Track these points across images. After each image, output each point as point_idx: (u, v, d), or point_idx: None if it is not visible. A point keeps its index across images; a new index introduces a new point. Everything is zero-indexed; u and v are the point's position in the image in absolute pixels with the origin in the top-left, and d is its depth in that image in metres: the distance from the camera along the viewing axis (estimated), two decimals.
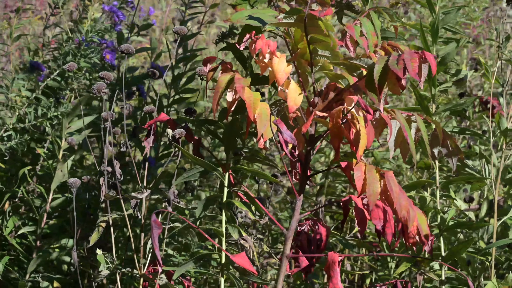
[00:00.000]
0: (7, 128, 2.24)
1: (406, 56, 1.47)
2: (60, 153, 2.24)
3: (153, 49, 2.96)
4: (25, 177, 2.30)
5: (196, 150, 1.78)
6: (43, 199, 2.35)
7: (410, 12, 4.00)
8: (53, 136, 2.22)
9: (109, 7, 2.49)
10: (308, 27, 1.57)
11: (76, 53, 2.25)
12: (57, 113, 2.20)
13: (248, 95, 1.57)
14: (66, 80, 2.29)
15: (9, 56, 3.08)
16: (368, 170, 1.60)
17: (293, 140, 1.56)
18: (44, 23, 2.91)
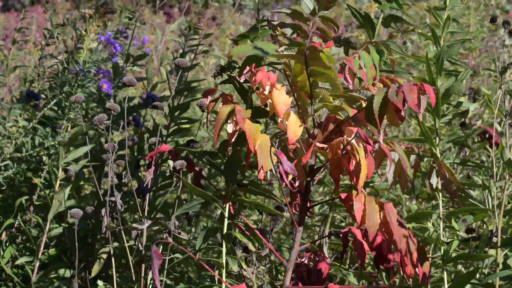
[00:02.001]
0: (4, 157, 2.24)
1: (406, 88, 1.49)
2: (57, 183, 2.24)
3: (149, 79, 2.99)
4: (22, 206, 2.30)
5: (197, 181, 1.79)
6: (40, 229, 2.35)
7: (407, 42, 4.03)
8: (50, 166, 2.22)
9: (106, 37, 2.51)
10: (309, 60, 1.58)
11: (74, 83, 2.26)
12: (54, 142, 2.21)
13: (249, 126, 1.58)
14: (63, 109, 2.30)
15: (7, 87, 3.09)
16: (368, 202, 1.61)
17: (293, 171, 1.57)
18: (39, 53, 2.93)
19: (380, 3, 2.00)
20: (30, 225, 2.41)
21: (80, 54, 2.33)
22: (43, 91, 2.58)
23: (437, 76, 2.15)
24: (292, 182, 1.69)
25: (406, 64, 2.83)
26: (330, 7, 1.58)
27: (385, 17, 2.02)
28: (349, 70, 1.70)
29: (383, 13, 2.01)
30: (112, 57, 2.53)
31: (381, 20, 2.02)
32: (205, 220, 2.84)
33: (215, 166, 1.79)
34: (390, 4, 2.00)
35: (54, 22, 2.70)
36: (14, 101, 2.72)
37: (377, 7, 2.06)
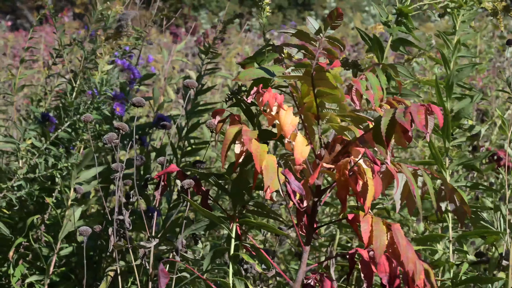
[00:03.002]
0: (18, 178, 2.25)
1: (413, 108, 1.49)
2: (68, 203, 2.26)
3: (156, 99, 3.00)
4: (33, 225, 2.31)
5: (204, 202, 1.79)
6: (50, 248, 2.36)
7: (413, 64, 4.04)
8: (61, 186, 2.23)
9: (126, 64, 2.53)
10: (316, 80, 1.59)
11: (89, 105, 2.28)
12: (67, 164, 2.22)
13: (255, 147, 1.59)
14: (77, 131, 2.31)
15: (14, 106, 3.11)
16: (375, 223, 1.60)
17: (301, 190, 1.57)
18: (46, 72, 2.95)
19: (389, 27, 2.01)
20: (41, 244, 2.42)
21: (95, 76, 2.34)
22: (50, 110, 2.59)
23: (447, 99, 2.16)
24: (299, 203, 1.69)
25: (413, 86, 2.83)
26: (336, 26, 1.59)
27: (394, 40, 2.03)
28: (356, 91, 1.70)
29: (392, 36, 2.02)
30: (129, 83, 2.55)
31: (390, 43, 2.03)
32: (211, 240, 2.84)
33: (221, 187, 1.80)
34: (399, 28, 2.01)
35: (63, 41, 2.72)
36: (22, 120, 2.74)
37: (383, 29, 2.07)
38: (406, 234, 2.79)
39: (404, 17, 2.03)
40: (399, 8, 2.01)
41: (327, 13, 18.12)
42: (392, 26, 2.01)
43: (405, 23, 2.03)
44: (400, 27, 2.02)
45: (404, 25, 2.03)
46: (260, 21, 1.87)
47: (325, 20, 1.55)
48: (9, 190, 2.29)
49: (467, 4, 2.13)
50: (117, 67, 2.59)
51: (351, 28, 11.00)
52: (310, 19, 1.62)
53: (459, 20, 2.22)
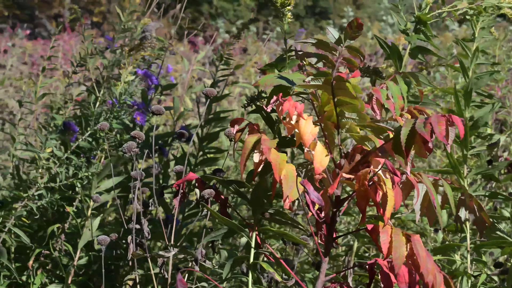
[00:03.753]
0: (39, 187, 2.26)
1: (433, 119, 1.48)
2: (88, 212, 2.26)
3: (176, 108, 3.01)
4: (53, 234, 2.32)
5: (223, 210, 1.79)
6: (70, 256, 2.37)
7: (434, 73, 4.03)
8: (82, 195, 2.24)
9: (143, 71, 2.53)
10: (336, 89, 1.59)
11: (110, 115, 2.28)
12: (88, 173, 2.23)
13: (274, 156, 1.58)
14: (97, 140, 2.32)
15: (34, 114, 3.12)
16: (394, 233, 1.59)
17: (320, 201, 1.56)
18: (66, 80, 2.96)
19: (407, 35, 2.00)
20: (61, 252, 2.43)
21: (117, 86, 2.35)
22: (70, 119, 2.60)
23: (466, 107, 2.15)
24: (318, 212, 1.68)
25: (433, 95, 2.82)
26: (356, 37, 1.58)
27: (413, 48, 2.02)
28: (376, 100, 1.70)
29: (410, 44, 2.01)
30: (148, 90, 2.56)
31: (409, 51, 2.02)
32: (227, 248, 2.84)
33: (242, 195, 1.79)
34: (417, 36, 2.00)
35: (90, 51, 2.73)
36: (41, 129, 2.75)
37: (404, 39, 2.06)
38: (424, 244, 2.77)
39: (422, 25, 2.02)
40: (418, 16, 2.00)
41: (344, 22, 18.12)
42: (411, 34, 2.00)
43: (424, 31, 2.02)
44: (419, 35, 2.01)
45: (422, 33, 2.02)
46: (278, 29, 1.87)
47: (345, 30, 1.55)
48: (30, 199, 2.30)
49: (486, 11, 2.12)
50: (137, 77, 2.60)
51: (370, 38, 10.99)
52: (330, 29, 1.62)
53: (478, 27, 2.21)
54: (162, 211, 2.68)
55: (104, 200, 2.30)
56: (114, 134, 2.38)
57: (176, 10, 3.09)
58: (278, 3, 1.72)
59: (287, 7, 1.73)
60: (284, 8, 1.73)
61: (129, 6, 2.72)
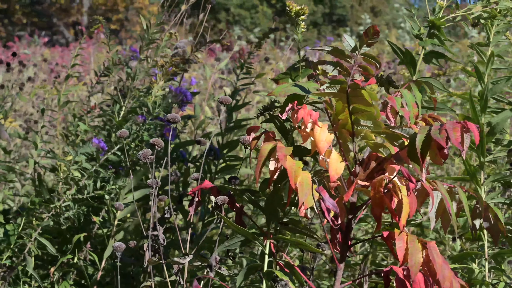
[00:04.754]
0: (66, 199, 2.28)
1: (449, 125, 1.48)
2: (115, 222, 2.28)
3: (197, 117, 3.02)
4: (79, 243, 2.33)
5: (238, 218, 1.80)
6: (95, 266, 2.38)
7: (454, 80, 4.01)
8: (109, 206, 2.25)
9: (177, 88, 2.55)
10: (351, 97, 1.59)
11: (141, 127, 2.30)
12: (115, 186, 2.24)
13: (290, 163, 1.59)
14: (127, 153, 2.34)
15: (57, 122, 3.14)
16: (410, 240, 1.59)
17: (335, 208, 1.56)
18: (89, 89, 2.98)
19: (421, 39, 2.00)
20: (86, 262, 2.44)
21: (148, 99, 2.37)
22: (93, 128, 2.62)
23: (481, 113, 2.14)
24: (333, 220, 1.68)
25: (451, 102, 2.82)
26: (372, 44, 1.59)
27: (427, 53, 2.02)
28: (391, 108, 1.70)
29: (424, 49, 2.01)
30: (181, 106, 2.57)
31: (422, 56, 2.02)
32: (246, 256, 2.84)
33: (256, 204, 1.80)
34: (431, 40, 2.00)
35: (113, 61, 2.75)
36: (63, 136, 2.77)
37: (418, 43, 2.05)
38: (442, 252, 2.76)
39: (436, 29, 2.02)
40: (431, 20, 2.00)
41: (362, 29, 18.10)
42: (424, 39, 2.00)
43: (438, 35, 2.02)
44: (433, 40, 2.01)
45: (436, 38, 2.02)
46: (294, 37, 1.88)
47: (361, 37, 1.55)
48: (57, 210, 2.32)
49: (500, 14, 2.11)
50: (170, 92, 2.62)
51: (387, 45, 10.96)
52: (346, 36, 1.62)
53: (493, 31, 2.20)
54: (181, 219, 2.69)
55: (129, 210, 2.31)
56: (143, 147, 2.39)
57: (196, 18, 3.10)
58: (292, 13, 1.72)
59: (301, 17, 1.73)
60: (298, 17, 1.73)
61: (152, 17, 2.74)
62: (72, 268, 2.44)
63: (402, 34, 16.98)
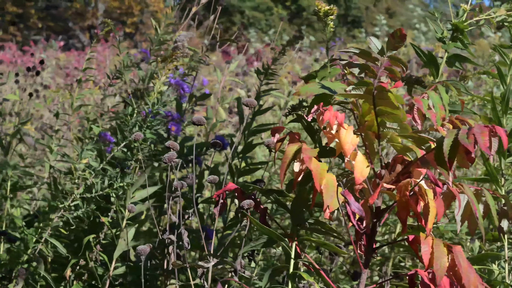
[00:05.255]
0: (75, 197, 2.28)
1: (476, 130, 1.47)
2: (123, 222, 2.27)
3: (210, 119, 3.02)
4: (89, 244, 2.33)
5: (262, 219, 1.79)
6: (105, 267, 2.38)
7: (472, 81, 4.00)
8: (117, 206, 2.25)
9: (175, 80, 2.54)
10: (377, 99, 1.58)
11: (143, 125, 2.29)
12: (123, 183, 2.24)
13: (315, 165, 1.58)
14: (132, 151, 2.33)
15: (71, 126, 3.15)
16: (436, 244, 1.58)
17: (361, 211, 1.56)
18: (103, 92, 2.98)
19: (444, 43, 1.99)
20: (96, 263, 2.44)
21: (150, 97, 2.37)
22: (105, 130, 2.62)
23: (503, 115, 2.13)
24: (358, 223, 1.67)
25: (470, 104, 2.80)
26: (398, 47, 1.58)
27: (450, 56, 2.01)
28: (417, 110, 1.69)
29: (447, 52, 2.00)
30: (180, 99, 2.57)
31: (445, 59, 2.01)
32: (264, 259, 2.84)
33: (282, 205, 1.79)
34: (455, 44, 1.99)
35: (124, 63, 2.75)
36: (78, 140, 2.77)
37: (441, 47, 2.04)
38: None
39: (459, 33, 2.01)
40: (455, 24, 1.99)
41: (377, 30, 18.07)
42: (448, 42, 1.99)
43: (461, 38, 2.00)
44: (456, 43, 2.00)
45: (460, 41, 2.01)
46: (311, 38, 1.87)
47: (388, 39, 1.54)
48: (66, 210, 2.32)
49: None
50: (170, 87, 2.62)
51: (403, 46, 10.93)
52: (373, 38, 1.62)
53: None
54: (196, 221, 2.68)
55: (139, 210, 2.31)
56: (148, 144, 2.39)
57: (209, 21, 3.10)
58: (321, 13, 1.72)
59: (330, 17, 1.73)
60: (327, 18, 1.72)
61: (164, 19, 2.74)
62: (83, 270, 2.44)
63: (418, 35, 16.94)
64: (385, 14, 28.85)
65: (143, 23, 27.25)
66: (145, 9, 27.25)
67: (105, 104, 3.07)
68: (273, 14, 28.98)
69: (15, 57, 12.33)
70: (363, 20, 29.98)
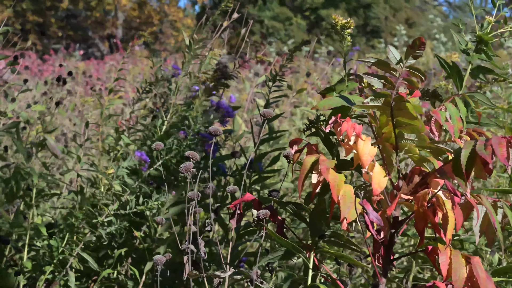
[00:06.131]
0: (108, 214, 2.29)
1: (494, 141, 1.47)
2: (156, 237, 2.28)
3: (236, 131, 3.03)
4: (120, 258, 2.34)
5: (280, 231, 1.79)
6: (135, 281, 2.39)
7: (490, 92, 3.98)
8: (150, 221, 2.26)
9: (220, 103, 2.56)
10: (395, 110, 1.58)
11: (182, 143, 2.30)
12: (158, 202, 2.25)
13: (333, 176, 1.58)
14: (168, 168, 2.34)
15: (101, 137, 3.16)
16: (454, 255, 1.58)
17: (379, 221, 1.56)
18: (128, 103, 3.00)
19: (468, 54, 1.98)
20: (127, 276, 2.45)
21: (190, 114, 2.38)
22: (138, 143, 2.64)
23: None
24: (376, 234, 1.67)
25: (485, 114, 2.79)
26: (418, 56, 1.58)
27: (473, 68, 2.00)
28: (435, 122, 1.68)
29: (471, 64, 1.99)
30: (223, 122, 2.58)
31: (469, 71, 2.00)
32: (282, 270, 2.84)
33: (300, 216, 1.79)
34: (479, 55, 1.99)
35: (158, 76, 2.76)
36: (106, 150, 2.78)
37: (465, 58, 2.04)
38: None
39: (484, 44, 2.00)
40: (479, 35, 1.98)
41: (396, 40, 18.03)
42: (472, 54, 1.98)
43: (485, 50, 2.00)
44: (480, 55, 1.99)
45: (484, 53, 2.00)
46: (330, 48, 1.87)
47: (406, 49, 1.54)
48: (100, 226, 2.33)
49: None
50: (212, 107, 2.63)
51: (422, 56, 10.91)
52: (392, 48, 1.62)
53: None
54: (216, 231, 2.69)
55: (168, 226, 2.32)
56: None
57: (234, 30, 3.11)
58: (338, 26, 1.72)
59: (347, 30, 1.73)
60: (344, 31, 1.73)
61: (199, 36, 2.75)
62: (112, 283, 2.45)
63: (437, 45, 16.89)
64: (404, 24, 28.79)
65: (162, 33, 27.36)
66: (164, 18, 27.36)
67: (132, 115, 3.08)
68: (292, 24, 29.00)
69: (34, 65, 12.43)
70: (382, 30, 29.94)
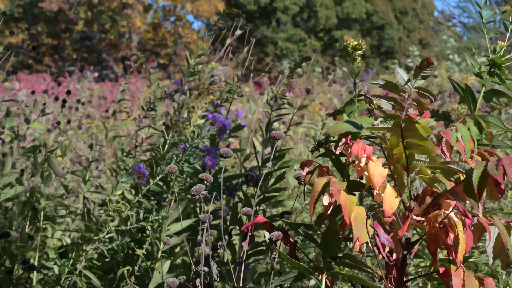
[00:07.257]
0: (110, 230, 2.29)
1: (505, 161, 1.46)
2: (158, 255, 2.28)
3: (243, 150, 3.03)
4: (123, 276, 2.34)
5: (292, 253, 1.79)
6: None
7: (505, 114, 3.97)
8: (152, 238, 2.26)
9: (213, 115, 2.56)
10: (405, 132, 1.58)
11: (181, 158, 2.31)
12: (158, 217, 2.25)
13: (344, 198, 1.58)
14: (168, 184, 2.35)
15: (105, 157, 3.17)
16: (467, 276, 1.57)
17: (390, 244, 1.55)
18: (137, 124, 3.00)
19: (481, 78, 1.98)
20: None
21: (187, 130, 2.38)
22: (139, 162, 2.64)
23: None
24: (388, 255, 1.67)
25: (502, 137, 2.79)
26: (426, 77, 1.58)
27: (487, 91, 2.00)
28: (446, 142, 1.68)
29: (485, 87, 1.99)
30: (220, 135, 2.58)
31: (483, 94, 2.00)
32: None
33: (311, 239, 1.79)
34: (492, 79, 1.99)
35: (157, 95, 2.77)
36: (112, 171, 2.79)
37: (478, 81, 2.04)
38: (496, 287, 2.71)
39: (497, 68, 2.00)
40: (492, 59, 1.98)
41: (410, 61, 18.04)
42: (485, 77, 1.98)
43: (498, 74, 2.00)
44: (493, 78, 1.99)
45: (497, 76, 2.00)
46: (344, 69, 1.88)
47: (415, 70, 1.54)
48: (101, 242, 2.34)
49: None
50: (208, 121, 2.63)
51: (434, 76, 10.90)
52: (399, 70, 1.62)
53: None
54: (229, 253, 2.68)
55: (174, 243, 2.31)
56: (184, 178, 2.40)
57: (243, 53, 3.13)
58: (349, 48, 1.73)
59: (358, 52, 1.74)
60: (355, 52, 1.73)
61: (196, 50, 2.76)
62: None
63: (451, 66, 16.87)
64: (418, 45, 28.81)
65: (176, 55, 27.48)
66: (179, 40, 27.49)
67: (140, 135, 3.09)
68: (306, 45, 29.08)
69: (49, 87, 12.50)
70: (396, 51, 29.98)
